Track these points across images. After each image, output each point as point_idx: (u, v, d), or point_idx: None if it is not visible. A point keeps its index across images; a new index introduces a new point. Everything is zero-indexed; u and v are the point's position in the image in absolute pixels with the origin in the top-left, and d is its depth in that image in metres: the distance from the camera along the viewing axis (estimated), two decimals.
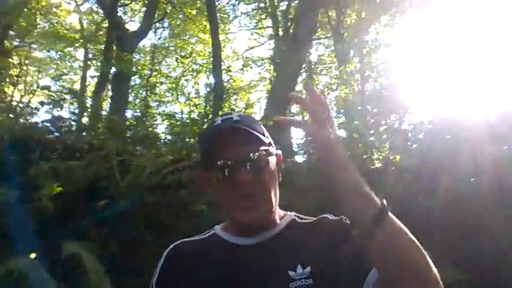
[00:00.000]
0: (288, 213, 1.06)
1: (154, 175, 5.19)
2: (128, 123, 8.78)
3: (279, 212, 1.03)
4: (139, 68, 11.72)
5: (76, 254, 3.08)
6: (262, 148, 0.95)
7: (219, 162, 0.93)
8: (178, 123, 9.23)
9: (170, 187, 5.19)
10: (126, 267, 3.55)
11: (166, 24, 14.36)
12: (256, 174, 0.93)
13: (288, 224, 1.02)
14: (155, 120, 11.04)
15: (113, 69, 10.53)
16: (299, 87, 8.71)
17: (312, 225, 1.02)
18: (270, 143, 0.99)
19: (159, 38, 14.49)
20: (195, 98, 11.88)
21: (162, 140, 8.10)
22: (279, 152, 1.03)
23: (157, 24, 13.29)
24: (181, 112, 11.80)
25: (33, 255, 3.05)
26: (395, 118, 8.74)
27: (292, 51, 8.14)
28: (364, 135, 8.20)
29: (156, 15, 12.02)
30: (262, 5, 14.19)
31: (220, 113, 8.46)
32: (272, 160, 0.98)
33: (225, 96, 9.66)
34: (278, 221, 1.01)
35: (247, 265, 0.94)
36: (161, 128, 10.54)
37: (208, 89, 12.55)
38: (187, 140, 8.03)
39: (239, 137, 0.93)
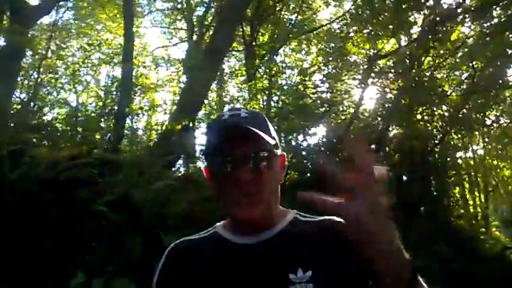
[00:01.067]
0: (290, 210, 1.05)
1: (48, 170, 4.76)
2: (15, 106, 7.83)
3: (280, 211, 1.02)
4: (33, 46, 10.51)
5: None
6: (266, 148, 0.94)
7: (221, 158, 0.93)
8: (76, 113, 8.57)
9: (66, 184, 4.81)
10: (11, 270, 3.20)
11: (71, 5, 13.17)
12: (257, 173, 0.92)
13: (289, 223, 1.00)
14: (46, 107, 10.06)
15: (1, 43, 9.32)
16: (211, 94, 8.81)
17: (315, 225, 0.99)
18: (275, 144, 0.97)
19: (61, 18, 13.23)
20: (96, 87, 11.15)
21: (55, 130, 7.41)
22: (283, 153, 1.03)
23: (61, 3, 12.12)
24: (77, 102, 10.96)
25: None
26: (294, 137, 9.41)
27: (207, 60, 8.24)
28: None
29: None
30: (179, 6, 14.01)
31: (127, 110, 8.12)
32: (275, 161, 0.97)
33: (131, 92, 9.27)
34: (279, 220, 1.00)
35: (247, 265, 0.93)
36: (53, 116, 9.64)
37: (112, 81, 11.89)
38: (84, 133, 7.51)
39: (244, 134, 0.91)
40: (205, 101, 9.64)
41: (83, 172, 5.02)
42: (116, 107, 8.80)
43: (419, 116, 9.55)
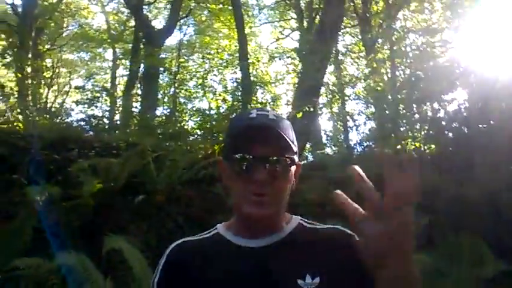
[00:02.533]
0: (293, 216, 1.04)
1: (188, 170, 5.25)
2: (158, 120, 8.92)
3: (285, 216, 1.02)
4: (166, 65, 11.86)
5: (118, 248, 3.15)
6: (287, 155, 0.94)
7: (242, 156, 0.93)
8: (208, 118, 9.32)
9: (203, 182, 5.25)
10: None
11: (191, 21, 14.45)
12: (273, 176, 0.92)
13: (294, 229, 1.00)
14: (185, 117, 11.20)
15: (142, 68, 10.74)
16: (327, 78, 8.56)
17: (322, 233, 0.99)
18: (296, 152, 0.98)
19: (184, 35, 14.63)
20: (223, 92, 11.96)
21: (192, 136, 8.20)
22: (300, 162, 1.02)
23: (182, 21, 13.40)
24: (209, 108, 11.93)
25: (79, 251, 3.14)
26: (428, 107, 8.49)
27: (319, 42, 8.01)
28: (396, 125, 8.01)
29: (180, 13, 12.13)
30: None
31: (249, 107, 8.47)
32: (292, 168, 0.97)
33: (252, 89, 9.65)
34: (284, 225, 1.00)
35: (254, 268, 0.92)
36: (191, 124, 10.69)
37: (235, 84, 12.62)
38: (216, 134, 8.11)
39: (269, 135, 0.92)
40: (324, 86, 9.41)
41: (216, 170, 5.40)
42: (240, 106, 9.27)
43: None
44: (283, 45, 14.78)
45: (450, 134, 8.20)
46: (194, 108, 11.96)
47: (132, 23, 12.77)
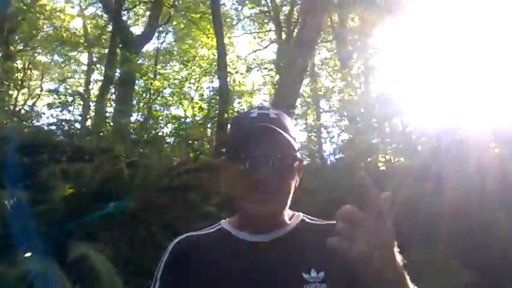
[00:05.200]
0: (296, 213, 1.05)
1: (163, 177, 5.22)
2: (133, 126, 8.81)
3: (288, 212, 1.03)
4: (143, 71, 11.76)
5: (85, 255, 3.09)
6: (289, 152, 0.96)
7: (245, 155, 0.94)
8: (183, 126, 9.29)
9: (178, 189, 5.22)
10: (137, 269, 3.56)
11: (170, 28, 14.40)
12: (277, 174, 0.93)
13: (298, 224, 1.02)
14: (160, 123, 11.10)
15: (117, 73, 10.60)
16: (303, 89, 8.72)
17: (325, 228, 0.99)
18: (298, 149, 0.99)
19: (162, 42, 14.55)
20: (199, 101, 11.94)
21: (167, 143, 8.14)
22: (302, 158, 1.03)
23: (161, 28, 13.34)
24: (185, 116, 11.89)
25: (46, 257, 3.06)
26: (399, 121, 8.78)
27: (297, 55, 8.18)
28: (368, 137, 8.23)
29: (160, 19, 12.09)
30: (265, 8, 14.26)
31: (225, 115, 8.51)
32: (295, 165, 0.98)
33: (229, 99, 9.70)
34: (288, 221, 1.01)
35: (259, 262, 0.92)
36: (166, 131, 10.60)
37: (212, 93, 12.63)
38: (190, 142, 8.09)
39: (270, 134, 0.93)
40: (300, 97, 9.58)
41: (191, 177, 5.40)
42: (217, 115, 9.29)
43: None
44: (261, 56, 14.96)
45: (419, 148, 8.52)
46: (170, 115, 11.91)
47: (110, 28, 12.62)
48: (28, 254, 3.31)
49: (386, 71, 9.14)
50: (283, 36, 13.11)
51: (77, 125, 8.24)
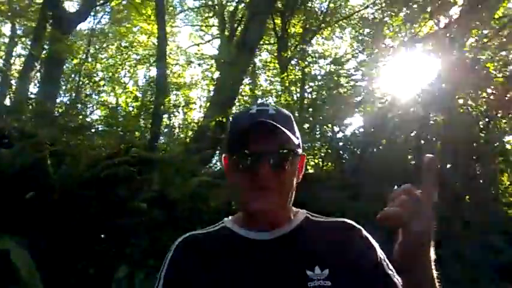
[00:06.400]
0: (300, 210, 1.06)
1: (89, 168, 4.96)
2: (59, 109, 8.23)
3: (292, 210, 1.04)
4: (74, 52, 11.00)
5: (4, 249, 2.87)
6: (289, 147, 0.95)
7: (245, 152, 0.94)
8: (115, 114, 8.88)
9: (105, 182, 5.00)
10: (58, 264, 3.38)
11: (107, 9, 13.64)
12: (277, 170, 0.93)
13: (301, 222, 1.02)
14: (88, 109, 10.50)
15: (45, 51, 9.80)
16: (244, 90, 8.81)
17: (329, 226, 1.02)
18: (298, 144, 0.99)
19: (97, 22, 13.73)
20: (134, 90, 11.49)
21: (96, 131, 7.72)
22: (304, 154, 1.04)
23: (98, 8, 12.58)
24: (117, 104, 11.35)
25: None
26: (329, 128, 9.25)
27: (239, 55, 8.25)
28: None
29: None
30: (210, 2, 14.12)
31: (162, 108, 8.30)
32: (296, 160, 0.99)
33: (166, 90, 9.46)
34: (292, 218, 1.02)
35: (263, 260, 0.93)
36: (94, 118, 10.06)
37: (148, 81, 12.22)
38: (122, 132, 7.76)
39: (269, 131, 0.93)
40: (239, 96, 9.66)
41: (121, 170, 5.19)
42: (152, 106, 9.02)
43: (461, 101, 9.04)
44: (202, 50, 14.78)
45: (345, 155, 9.09)
46: (100, 102, 11.31)
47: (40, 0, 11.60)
48: None
49: (322, 79, 9.59)
50: (226, 33, 13.10)
51: None
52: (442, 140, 8.88)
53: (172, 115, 9.52)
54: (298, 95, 10.28)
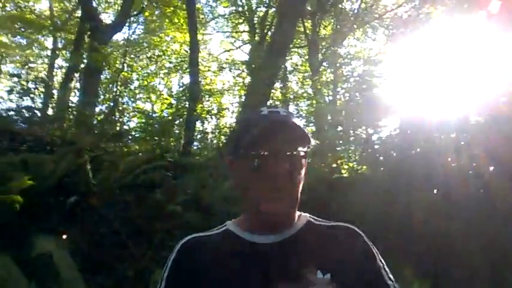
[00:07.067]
0: (303, 213, 1.06)
1: (127, 174, 5.10)
2: (97, 117, 8.54)
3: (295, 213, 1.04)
4: (111, 62, 11.41)
5: (47, 251, 2.98)
6: (302, 147, 0.95)
7: (260, 152, 0.93)
8: (151, 121, 9.11)
9: (143, 187, 5.13)
10: (98, 266, 3.48)
11: (141, 20, 14.08)
12: (292, 169, 0.93)
13: (304, 225, 1.02)
14: (125, 117, 10.82)
15: (84, 61, 10.22)
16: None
17: (331, 230, 1.02)
18: (309, 146, 0.98)
19: (133, 33, 14.19)
20: (168, 96, 11.75)
21: (133, 138, 7.95)
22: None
23: (132, 19, 13.01)
24: (153, 111, 11.66)
25: (1, 252, 2.92)
26: (364, 130, 9.06)
27: (269, 59, 8.24)
28: (333, 145, 8.43)
29: (132, 9, 11.78)
30: (240, 9, 14.26)
31: (195, 114, 8.44)
32: (306, 161, 0.99)
33: (199, 96, 9.61)
34: (295, 221, 1.02)
35: (265, 264, 0.93)
36: (132, 125, 10.35)
37: (182, 89, 12.46)
38: (157, 138, 7.95)
39: (283, 130, 0.93)
40: (270, 100, 9.65)
41: (157, 175, 5.31)
42: (186, 113, 9.18)
43: (504, 99, 8.59)
44: (234, 56, 14.94)
45: (381, 158, 8.84)
46: (136, 109, 11.63)
47: (79, 13, 12.15)
48: None
49: (354, 81, 9.41)
50: (256, 38, 13.17)
51: (38, 113, 7.89)
52: (484, 141, 8.47)
53: (205, 121, 9.65)
54: (331, 97, 10.16)
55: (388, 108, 8.70)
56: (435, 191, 6.60)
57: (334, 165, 7.92)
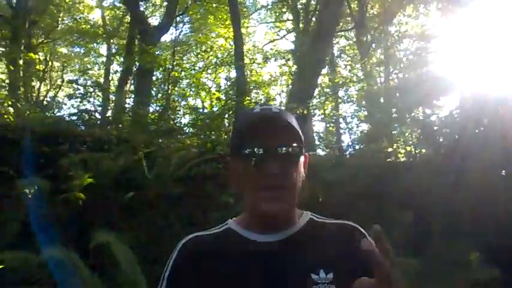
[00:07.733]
0: (304, 212, 1.03)
1: (180, 167, 5.23)
2: (151, 116, 8.88)
3: (296, 211, 1.01)
4: (161, 62, 11.82)
5: (106, 243, 3.12)
6: (295, 143, 0.93)
7: (250, 150, 0.91)
8: (201, 117, 9.30)
9: (195, 179, 5.23)
10: (155, 257, 3.60)
11: (187, 19, 14.40)
12: (286, 167, 0.91)
13: (306, 224, 1.00)
14: (178, 114, 11.16)
15: (136, 64, 10.68)
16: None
17: (333, 228, 1.00)
18: (303, 141, 0.96)
19: (180, 33, 14.55)
20: (216, 92, 11.94)
21: (185, 133, 8.17)
22: (307, 154, 1.00)
23: (178, 19, 13.34)
24: (203, 106, 11.91)
25: (66, 245, 3.11)
26: (420, 111, 8.56)
27: (314, 44, 8.03)
28: (388, 128, 8.06)
29: (177, 10, 12.08)
30: None
31: (242, 106, 8.47)
32: (301, 159, 0.96)
33: (246, 89, 9.65)
34: (297, 220, 0.99)
35: (268, 263, 0.91)
36: (184, 122, 10.65)
37: (229, 83, 12.60)
38: (208, 133, 8.10)
39: (275, 126, 0.91)
40: (318, 88, 9.44)
41: (208, 168, 5.40)
42: (234, 106, 9.26)
43: None
44: (279, 46, 14.81)
45: (441, 139, 8.29)
46: (187, 106, 11.95)
47: (128, 18, 12.70)
48: (48, 243, 3.37)
49: (407, 61, 8.89)
50: (301, 25, 12.92)
51: (97, 116, 8.37)
52: None
53: None
54: (382, 79, 9.71)
55: (446, 86, 8.14)
56: (503, 172, 6.09)
57: (390, 149, 7.59)
